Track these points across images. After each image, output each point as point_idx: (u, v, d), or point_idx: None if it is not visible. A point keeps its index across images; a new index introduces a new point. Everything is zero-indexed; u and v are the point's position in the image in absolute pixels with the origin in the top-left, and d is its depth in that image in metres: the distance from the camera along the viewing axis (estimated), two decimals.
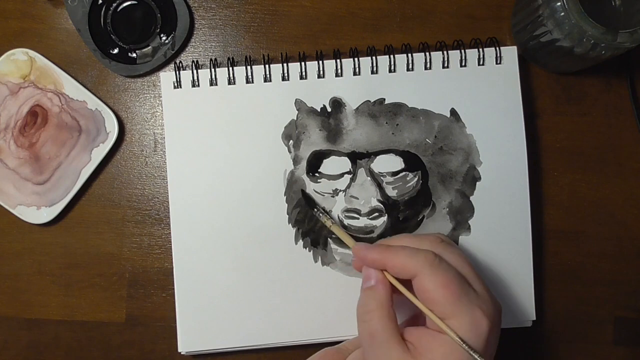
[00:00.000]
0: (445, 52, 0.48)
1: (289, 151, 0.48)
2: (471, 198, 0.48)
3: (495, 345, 0.37)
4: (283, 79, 0.48)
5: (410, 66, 0.48)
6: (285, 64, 0.48)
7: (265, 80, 0.48)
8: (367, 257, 0.39)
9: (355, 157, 0.48)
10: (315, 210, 0.47)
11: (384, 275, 0.39)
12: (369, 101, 0.48)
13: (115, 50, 0.49)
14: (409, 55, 0.48)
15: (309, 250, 0.47)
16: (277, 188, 0.48)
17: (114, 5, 0.49)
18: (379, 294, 0.38)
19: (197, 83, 0.48)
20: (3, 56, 0.49)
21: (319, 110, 0.48)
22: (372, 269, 0.39)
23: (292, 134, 0.48)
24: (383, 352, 0.37)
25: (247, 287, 0.47)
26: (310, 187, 0.48)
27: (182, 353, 0.47)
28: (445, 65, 0.48)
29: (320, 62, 0.48)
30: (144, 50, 0.50)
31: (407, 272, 0.37)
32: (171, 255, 0.47)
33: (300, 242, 0.47)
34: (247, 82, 0.48)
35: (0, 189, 0.49)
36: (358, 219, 0.48)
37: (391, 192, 0.48)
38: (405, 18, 0.50)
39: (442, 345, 0.36)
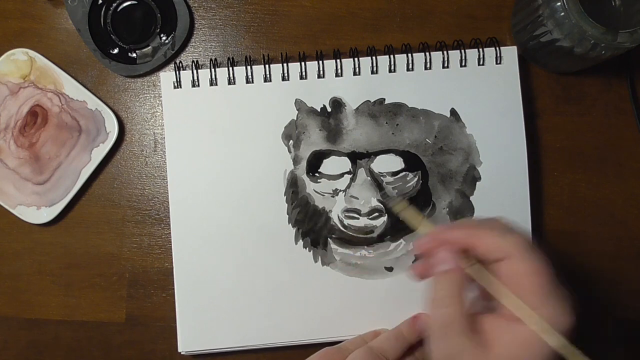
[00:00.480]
0: (445, 52, 0.48)
1: (289, 151, 0.48)
2: (471, 198, 0.48)
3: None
4: (283, 79, 0.48)
5: (410, 66, 0.48)
6: (285, 64, 0.48)
7: (265, 80, 0.48)
8: (451, 236, 0.36)
9: (355, 157, 0.48)
10: (383, 193, 0.45)
11: (458, 259, 0.36)
12: (369, 101, 0.48)
13: (115, 50, 0.49)
14: (409, 55, 0.48)
15: (309, 250, 0.47)
16: (277, 188, 0.48)
17: (114, 5, 0.49)
18: (457, 279, 0.36)
19: (197, 83, 0.48)
20: (3, 56, 0.49)
21: (319, 110, 0.48)
22: (448, 252, 0.36)
23: (292, 134, 0.48)
24: (459, 344, 0.35)
25: (247, 287, 0.47)
26: (310, 187, 0.48)
27: (182, 353, 0.47)
28: (445, 65, 0.48)
29: (320, 62, 0.48)
30: (144, 50, 0.50)
31: (500, 253, 0.35)
32: (171, 255, 0.47)
33: (300, 242, 0.47)
34: (247, 82, 0.48)
35: (0, 189, 0.49)
36: (358, 219, 0.48)
37: (391, 192, 0.48)
38: (405, 18, 0.50)
39: (518, 338, 0.34)
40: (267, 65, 0.48)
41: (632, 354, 0.50)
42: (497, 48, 0.48)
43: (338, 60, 0.48)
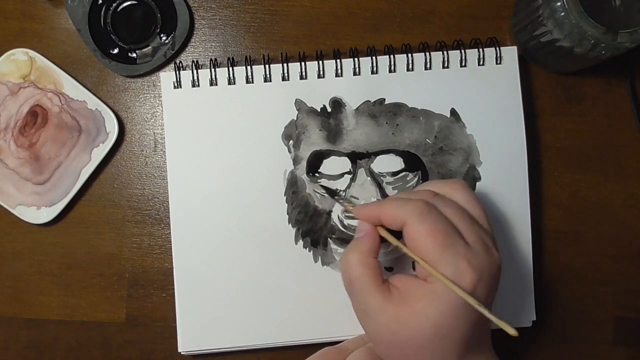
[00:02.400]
0: (445, 52, 0.48)
1: (289, 151, 0.48)
2: None
3: (486, 299, 0.36)
4: (283, 79, 0.48)
5: (410, 66, 0.48)
6: (285, 64, 0.48)
7: (265, 80, 0.48)
8: (363, 212, 0.40)
9: (355, 157, 0.48)
10: (336, 197, 0.47)
11: (373, 228, 0.39)
12: (369, 101, 0.48)
13: (115, 50, 0.49)
14: (409, 55, 0.48)
15: (309, 250, 0.47)
16: (277, 188, 0.48)
17: (114, 5, 0.49)
18: (362, 244, 0.39)
19: (197, 83, 0.48)
20: (3, 56, 0.49)
21: (319, 110, 0.48)
22: (364, 223, 0.40)
23: (292, 134, 0.48)
24: (362, 299, 0.38)
25: (247, 287, 0.47)
26: (311, 187, 0.48)
27: (182, 353, 0.47)
28: (445, 65, 0.48)
29: (320, 62, 0.48)
30: (144, 50, 0.50)
31: (398, 221, 0.37)
32: (171, 255, 0.47)
33: (300, 242, 0.47)
34: (247, 82, 0.48)
35: (0, 189, 0.49)
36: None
37: (391, 192, 0.48)
38: (405, 18, 0.50)
39: (426, 294, 0.36)
40: (267, 65, 0.48)
41: (632, 354, 0.50)
42: (497, 48, 0.48)
43: (338, 60, 0.48)
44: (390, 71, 0.48)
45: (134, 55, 0.50)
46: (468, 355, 0.37)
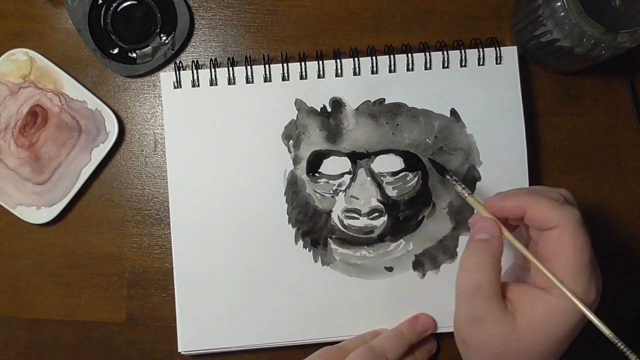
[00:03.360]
0: (445, 52, 0.48)
1: (289, 151, 0.48)
2: None
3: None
4: (283, 79, 0.48)
5: (410, 66, 0.48)
6: (285, 64, 0.48)
7: (265, 80, 0.48)
8: (507, 204, 0.38)
9: (355, 157, 0.48)
10: (448, 177, 0.44)
11: (499, 230, 0.38)
12: (369, 101, 0.48)
13: (115, 50, 0.49)
14: (409, 55, 0.48)
15: (309, 250, 0.47)
16: (277, 188, 0.48)
17: (114, 5, 0.49)
18: (494, 248, 0.37)
19: (197, 83, 0.48)
20: (3, 56, 0.49)
21: (319, 110, 0.48)
22: (488, 222, 0.38)
23: (292, 134, 0.48)
24: (484, 308, 0.36)
25: (247, 287, 0.47)
26: (311, 187, 0.48)
27: (182, 353, 0.47)
28: (445, 65, 0.48)
29: (320, 62, 0.48)
30: (144, 50, 0.50)
31: (548, 223, 0.36)
32: (171, 255, 0.47)
33: (300, 242, 0.47)
34: (247, 82, 0.48)
35: (0, 189, 0.49)
36: (358, 219, 0.48)
37: (391, 192, 0.48)
38: (405, 18, 0.50)
39: (547, 309, 0.35)
40: (267, 65, 0.48)
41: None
42: (497, 48, 0.48)
43: (338, 60, 0.48)
44: (390, 71, 0.48)
45: (134, 55, 0.50)
46: None
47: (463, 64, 0.48)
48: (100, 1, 0.49)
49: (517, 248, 0.37)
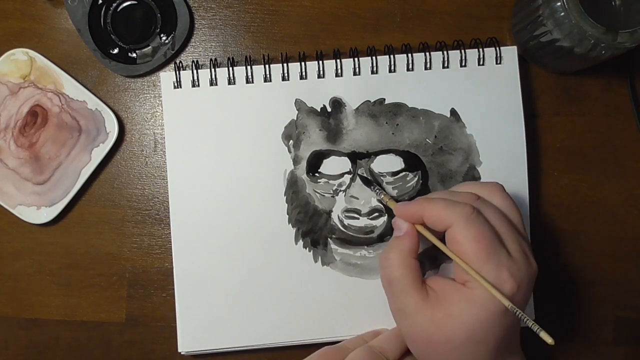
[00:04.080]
0: (445, 52, 0.48)
1: (289, 151, 0.48)
2: None
3: (522, 306, 0.37)
4: (283, 79, 0.48)
5: (410, 66, 0.48)
6: (285, 64, 0.48)
7: (265, 80, 0.48)
8: (407, 210, 0.40)
9: (355, 157, 0.48)
10: (372, 187, 0.46)
11: (413, 227, 0.40)
12: (369, 101, 0.48)
13: (115, 50, 0.49)
14: (409, 55, 0.48)
15: (309, 250, 0.47)
16: (277, 188, 0.48)
17: (114, 5, 0.49)
18: (403, 244, 0.39)
19: (197, 83, 0.48)
20: (3, 56, 0.49)
21: (319, 110, 0.48)
22: (403, 221, 0.40)
23: (292, 134, 0.48)
24: (400, 299, 0.38)
25: (247, 287, 0.47)
26: (311, 187, 0.48)
27: (182, 353, 0.47)
28: (445, 65, 0.48)
29: (320, 62, 0.48)
30: (144, 50, 0.50)
31: (442, 223, 0.37)
32: (171, 255, 0.47)
33: (300, 242, 0.47)
34: (247, 82, 0.48)
35: (0, 189, 0.49)
36: (358, 219, 0.48)
37: (391, 192, 0.48)
38: (405, 18, 0.50)
39: (463, 299, 0.36)
40: (267, 65, 0.48)
41: (632, 354, 0.50)
42: (497, 48, 0.48)
43: (338, 60, 0.48)
44: (390, 71, 0.48)
45: (134, 55, 0.50)
46: (499, 358, 0.38)
47: (463, 64, 0.48)
48: (100, 1, 0.49)
49: (433, 242, 0.39)
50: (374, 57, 0.48)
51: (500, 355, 0.38)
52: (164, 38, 0.49)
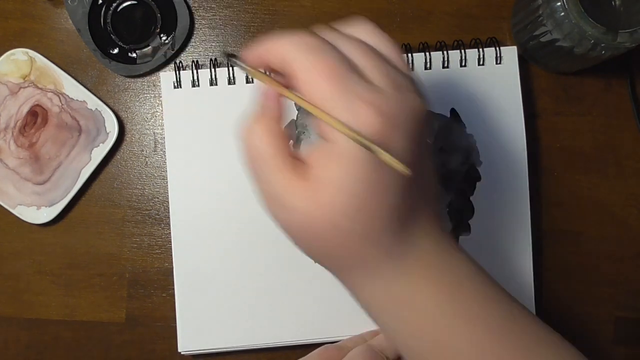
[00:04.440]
0: (445, 52, 0.48)
1: None
2: (471, 198, 0.48)
3: (412, 153, 0.28)
4: None
5: (410, 66, 0.48)
6: None
7: None
8: (252, 54, 0.30)
9: None
10: (231, 59, 0.33)
11: (273, 90, 0.30)
12: None
13: (115, 50, 0.49)
14: (409, 55, 0.48)
15: None
16: None
17: (114, 5, 0.49)
18: (266, 110, 0.30)
19: (197, 83, 0.48)
20: (3, 56, 0.49)
21: None
22: (264, 87, 0.31)
23: (292, 134, 0.48)
24: (270, 181, 0.29)
25: (247, 287, 0.47)
26: None
27: (182, 353, 0.47)
28: (445, 65, 0.48)
29: None
30: (144, 50, 0.50)
31: (285, 61, 0.28)
32: (171, 255, 0.47)
33: None
34: (247, 82, 0.48)
35: (0, 189, 0.49)
36: None
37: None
38: (405, 18, 0.50)
39: (332, 159, 0.28)
40: None
41: (632, 354, 0.50)
42: (497, 48, 0.48)
43: None
44: None
45: (134, 55, 0.50)
46: (405, 232, 0.30)
47: (463, 64, 0.48)
48: (100, 1, 0.49)
49: (284, 94, 0.30)
50: None
51: (405, 225, 0.29)
52: (164, 38, 0.49)
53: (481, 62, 0.48)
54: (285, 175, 0.28)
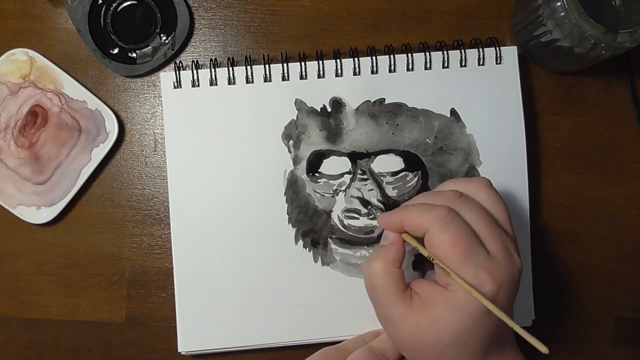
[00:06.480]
0: (445, 52, 0.48)
1: (289, 151, 0.48)
2: None
3: (507, 305, 0.37)
4: (283, 79, 0.48)
5: (410, 66, 0.48)
6: (285, 64, 0.48)
7: (265, 80, 0.48)
8: (387, 221, 0.40)
9: (355, 157, 0.48)
10: (370, 207, 0.47)
11: (398, 236, 0.39)
12: (369, 101, 0.48)
13: (115, 50, 0.49)
14: (409, 55, 0.48)
15: (309, 250, 0.47)
16: (277, 188, 0.48)
17: (114, 5, 0.49)
18: (387, 252, 0.39)
19: (197, 83, 0.48)
20: (3, 56, 0.49)
21: (319, 110, 0.48)
22: (387, 231, 0.40)
23: (292, 134, 0.48)
24: (384, 308, 0.39)
25: (247, 287, 0.47)
26: (311, 187, 0.48)
27: (182, 353, 0.47)
28: (445, 65, 0.48)
29: (320, 62, 0.48)
30: (144, 50, 0.50)
31: (420, 229, 0.37)
32: (171, 255, 0.47)
33: (300, 242, 0.47)
34: (247, 82, 0.48)
35: (0, 189, 0.49)
36: (358, 219, 0.48)
37: (391, 192, 0.48)
38: (405, 18, 0.50)
39: (445, 303, 0.36)
40: (267, 65, 0.48)
41: (632, 353, 0.50)
42: (497, 48, 0.48)
43: (338, 60, 0.48)
44: (390, 71, 0.48)
45: (134, 55, 0.50)
46: (490, 356, 0.38)
47: (463, 64, 0.48)
48: (100, 1, 0.49)
49: (417, 248, 0.39)
50: (374, 57, 0.48)
51: (490, 352, 0.38)
52: (164, 38, 0.49)
53: (481, 62, 0.48)
54: (398, 307, 0.38)
